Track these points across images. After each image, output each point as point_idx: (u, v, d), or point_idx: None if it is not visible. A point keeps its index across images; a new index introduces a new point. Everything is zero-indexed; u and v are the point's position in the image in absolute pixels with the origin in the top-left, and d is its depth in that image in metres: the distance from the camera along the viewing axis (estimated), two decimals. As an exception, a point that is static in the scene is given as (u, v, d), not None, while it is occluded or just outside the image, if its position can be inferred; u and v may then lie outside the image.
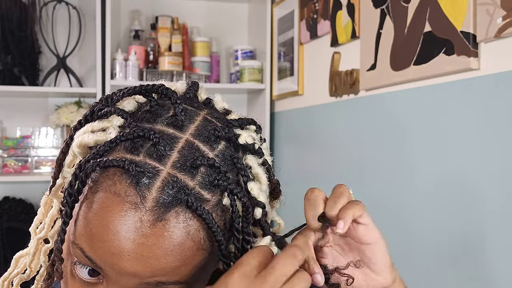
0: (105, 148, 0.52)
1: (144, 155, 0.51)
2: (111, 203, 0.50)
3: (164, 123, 0.53)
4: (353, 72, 1.78)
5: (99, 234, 0.50)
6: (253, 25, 2.67)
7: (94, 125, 0.55)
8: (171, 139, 0.52)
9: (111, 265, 0.50)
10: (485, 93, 1.24)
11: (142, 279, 0.50)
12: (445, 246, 1.37)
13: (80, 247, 0.51)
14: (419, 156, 1.46)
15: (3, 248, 2.29)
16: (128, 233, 0.49)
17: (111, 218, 0.49)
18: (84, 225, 0.51)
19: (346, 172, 1.83)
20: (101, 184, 0.51)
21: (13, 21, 2.35)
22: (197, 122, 0.54)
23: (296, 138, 2.29)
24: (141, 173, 0.50)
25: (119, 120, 0.53)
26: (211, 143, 0.53)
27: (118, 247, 0.49)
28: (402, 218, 1.53)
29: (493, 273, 1.21)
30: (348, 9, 1.80)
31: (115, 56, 2.40)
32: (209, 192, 0.51)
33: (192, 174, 0.51)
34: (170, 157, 0.51)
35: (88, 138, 0.54)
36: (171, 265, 0.50)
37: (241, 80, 2.51)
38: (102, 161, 0.50)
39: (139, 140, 0.51)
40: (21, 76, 2.40)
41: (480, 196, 1.25)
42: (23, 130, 2.51)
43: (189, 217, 0.50)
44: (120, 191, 0.50)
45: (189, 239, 0.50)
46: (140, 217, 0.49)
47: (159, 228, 0.49)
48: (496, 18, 1.17)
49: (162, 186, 0.49)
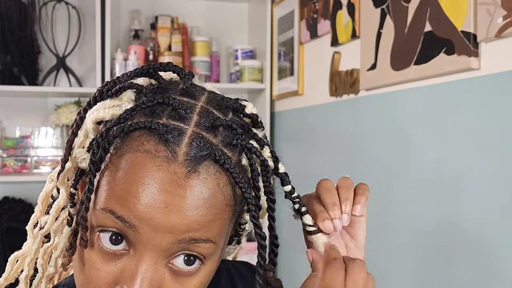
0: (126, 115, 0.52)
1: (166, 118, 0.52)
2: (142, 160, 0.50)
3: (178, 94, 0.55)
4: (353, 72, 1.78)
5: (133, 190, 0.50)
6: (253, 25, 2.67)
7: (106, 103, 0.55)
8: (189, 104, 0.54)
9: (147, 221, 0.49)
10: (486, 93, 1.24)
11: (177, 234, 0.50)
12: (444, 245, 1.37)
13: (110, 209, 0.51)
14: (419, 156, 1.46)
15: (3, 248, 2.29)
16: (164, 185, 0.49)
17: (145, 173, 0.50)
18: (113, 187, 0.51)
19: (346, 172, 1.82)
20: (127, 147, 0.51)
21: (13, 21, 2.34)
22: (206, 94, 0.57)
23: (296, 138, 2.28)
24: (168, 132, 0.51)
25: (132, 94, 0.55)
26: (223, 110, 0.56)
27: (156, 200, 0.49)
28: (402, 217, 1.53)
29: (496, 271, 1.21)
30: (348, 9, 1.80)
31: (115, 55, 2.40)
32: (229, 151, 0.54)
33: (214, 133, 0.53)
34: (192, 119, 0.53)
35: (103, 112, 0.54)
36: (204, 218, 0.51)
37: (241, 80, 2.51)
38: (127, 125, 0.51)
39: (158, 106, 0.53)
40: (20, 76, 2.39)
41: (480, 195, 1.25)
42: (23, 130, 2.51)
43: (218, 171, 0.52)
44: (150, 148, 0.51)
45: (220, 192, 0.52)
46: (174, 169, 0.50)
47: (193, 179, 0.50)
48: (497, 18, 1.17)
49: (190, 142, 0.51)
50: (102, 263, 0.52)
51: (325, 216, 0.59)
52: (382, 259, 1.59)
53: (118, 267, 0.52)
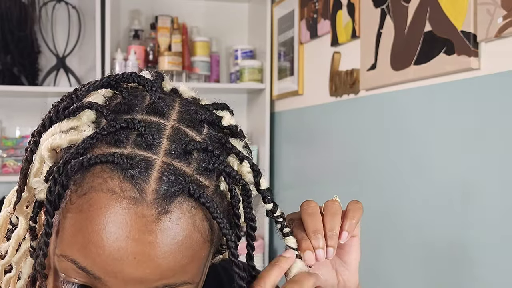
0: (85, 145, 0.46)
1: (132, 147, 0.46)
2: (106, 203, 0.44)
3: (144, 112, 0.48)
4: (353, 72, 1.78)
5: (96, 239, 0.44)
6: (253, 25, 2.67)
7: (62, 125, 0.49)
8: (157, 127, 0.47)
9: (114, 273, 0.44)
10: (485, 93, 1.24)
11: (150, 284, 0.45)
12: (443, 245, 1.36)
13: (71, 259, 0.45)
14: (419, 156, 1.46)
15: (2, 248, 2.29)
16: (131, 233, 0.44)
17: (109, 218, 0.44)
18: (74, 233, 0.45)
19: (346, 172, 1.83)
20: (88, 185, 0.45)
21: (13, 21, 2.34)
22: (177, 108, 0.50)
23: (296, 138, 2.28)
24: (134, 165, 0.45)
25: (91, 115, 0.48)
26: (197, 127, 0.50)
27: (122, 250, 0.44)
28: (402, 218, 1.53)
29: (495, 276, 1.21)
30: (348, 9, 1.80)
31: (115, 55, 2.40)
32: (206, 178, 0.48)
33: (187, 160, 0.47)
34: (161, 145, 0.46)
35: (59, 139, 0.48)
36: (179, 263, 0.45)
37: (241, 80, 2.51)
38: (86, 158, 0.45)
39: (122, 132, 0.46)
40: (20, 75, 2.39)
41: (480, 196, 1.25)
42: (23, 130, 2.51)
43: (192, 206, 0.46)
44: (115, 187, 0.44)
45: (196, 230, 0.46)
46: (142, 212, 0.44)
47: (165, 222, 0.44)
48: (497, 18, 1.17)
49: (160, 176, 0.45)
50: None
51: (307, 246, 0.53)
52: (378, 258, 1.59)
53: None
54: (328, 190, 1.96)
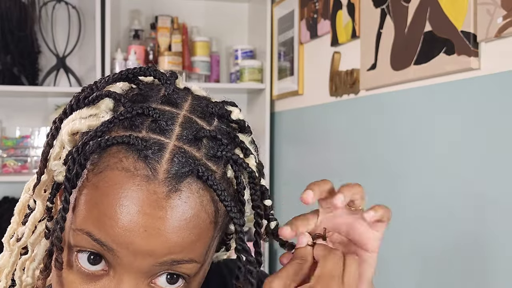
0: (103, 128, 0.50)
1: (146, 131, 0.50)
2: (120, 180, 0.48)
3: (159, 102, 0.52)
4: (353, 72, 1.78)
5: (110, 212, 0.47)
6: (253, 25, 2.67)
7: (82, 112, 0.52)
8: (170, 115, 0.51)
9: (126, 245, 0.47)
10: (486, 93, 1.24)
11: (158, 258, 0.48)
12: (443, 245, 1.36)
13: (86, 231, 0.48)
14: (419, 156, 1.46)
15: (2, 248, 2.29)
16: (143, 207, 0.47)
17: (123, 193, 0.47)
18: (90, 208, 0.48)
19: (346, 172, 1.83)
20: (104, 164, 0.49)
21: (13, 21, 2.34)
22: (189, 101, 0.54)
23: (296, 138, 2.28)
24: (148, 147, 0.48)
25: (110, 103, 0.52)
26: (207, 119, 0.53)
27: (134, 223, 0.47)
28: (402, 217, 1.53)
29: (497, 276, 1.21)
30: (348, 9, 1.80)
31: (115, 55, 2.40)
32: (214, 164, 0.51)
33: (197, 146, 0.50)
34: (173, 131, 0.50)
35: (79, 124, 0.51)
36: (187, 240, 0.49)
37: (241, 80, 2.51)
38: (104, 140, 0.48)
39: (138, 118, 0.50)
40: (20, 75, 2.39)
41: (480, 194, 1.25)
42: (23, 130, 2.51)
43: (200, 188, 0.49)
44: (129, 166, 0.48)
45: (203, 210, 0.49)
46: (154, 189, 0.47)
47: (175, 199, 0.48)
48: (497, 18, 1.17)
49: (171, 158, 0.49)
50: (80, 284, 0.50)
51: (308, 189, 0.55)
52: (378, 258, 1.59)
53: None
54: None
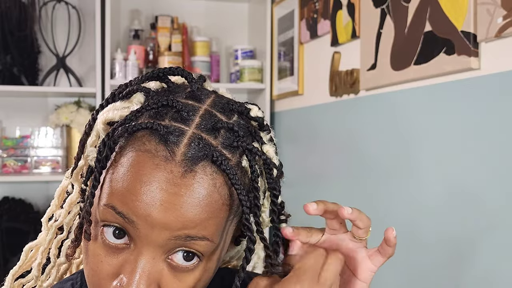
0: (131, 116, 0.56)
1: (169, 120, 0.55)
2: (142, 159, 0.53)
3: (183, 97, 0.58)
4: (353, 71, 1.78)
5: (132, 187, 0.53)
6: (253, 25, 2.67)
7: (116, 105, 0.59)
8: (192, 107, 0.56)
9: (144, 217, 0.52)
10: (486, 93, 1.24)
11: (173, 231, 0.53)
12: (444, 245, 1.36)
13: (111, 205, 0.54)
14: (419, 156, 1.46)
15: (2, 248, 2.29)
16: (160, 184, 0.52)
17: (144, 171, 0.53)
18: (115, 184, 0.54)
19: (346, 172, 1.83)
20: (130, 146, 0.54)
21: (13, 21, 2.34)
22: (212, 98, 0.59)
23: (296, 138, 2.28)
24: (169, 133, 0.54)
25: (141, 97, 0.58)
26: (227, 113, 0.58)
27: (152, 197, 0.52)
28: (402, 217, 1.53)
29: (495, 276, 1.21)
30: (348, 9, 1.80)
31: (115, 55, 2.40)
32: (229, 152, 0.56)
33: (214, 135, 0.55)
34: (194, 120, 0.55)
35: (112, 114, 0.58)
36: (200, 217, 0.53)
37: (241, 80, 2.51)
38: (131, 125, 0.54)
39: (163, 108, 0.56)
40: (20, 76, 2.39)
41: (480, 195, 1.25)
42: (23, 130, 2.51)
43: (214, 171, 0.54)
44: (150, 148, 0.53)
45: (216, 191, 0.54)
46: (171, 168, 0.53)
47: (189, 179, 0.53)
48: (497, 18, 1.17)
49: (189, 143, 0.54)
50: (105, 256, 0.55)
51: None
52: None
53: (120, 260, 0.55)
54: (328, 190, 1.96)
